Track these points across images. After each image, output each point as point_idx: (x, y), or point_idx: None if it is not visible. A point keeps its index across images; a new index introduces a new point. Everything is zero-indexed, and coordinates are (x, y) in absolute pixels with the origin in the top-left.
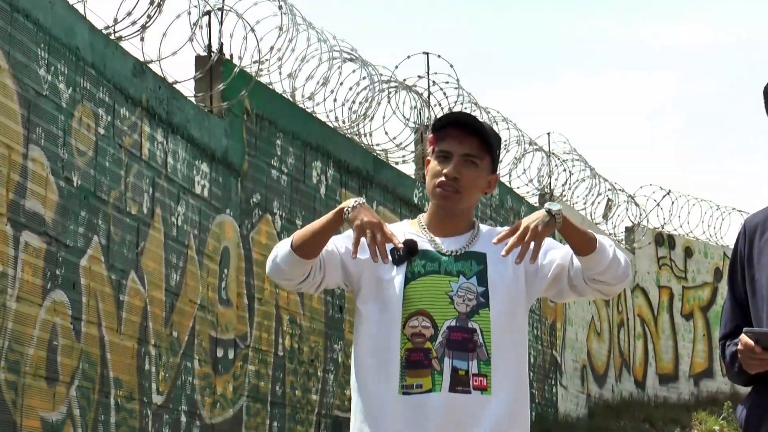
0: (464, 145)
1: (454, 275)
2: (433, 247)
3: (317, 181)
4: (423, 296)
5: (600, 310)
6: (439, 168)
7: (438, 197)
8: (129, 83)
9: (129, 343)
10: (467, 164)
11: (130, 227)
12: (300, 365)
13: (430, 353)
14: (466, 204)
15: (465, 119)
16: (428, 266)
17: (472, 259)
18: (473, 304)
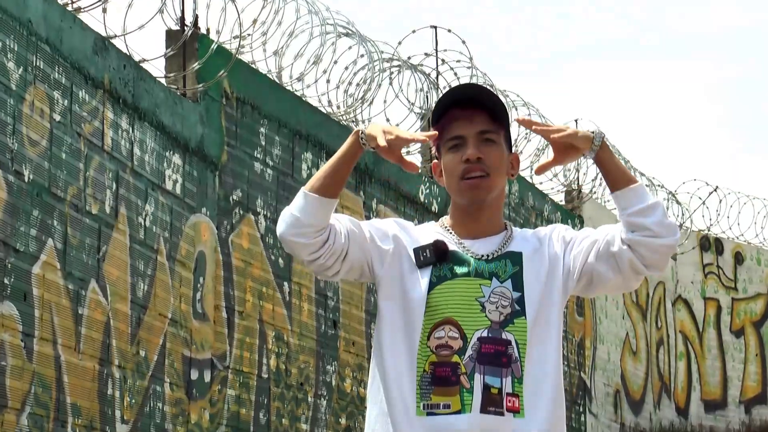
0: (476, 123)
1: (486, 277)
2: (463, 251)
3: (308, 175)
4: (450, 302)
5: (636, 326)
6: (457, 157)
7: (467, 190)
8: (89, 62)
9: (89, 364)
10: (485, 143)
11: (91, 229)
12: (287, 389)
13: (459, 368)
14: (496, 190)
15: (467, 93)
16: (456, 269)
17: (506, 259)
18: (507, 311)
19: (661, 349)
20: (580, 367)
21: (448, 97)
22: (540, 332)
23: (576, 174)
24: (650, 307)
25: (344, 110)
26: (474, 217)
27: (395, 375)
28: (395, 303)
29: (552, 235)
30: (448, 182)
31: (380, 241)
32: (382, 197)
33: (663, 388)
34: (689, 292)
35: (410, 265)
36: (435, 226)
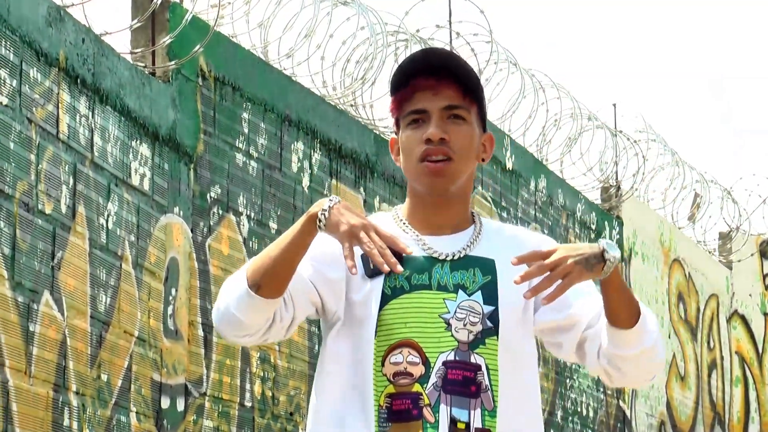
0: (442, 96)
1: (450, 290)
2: (422, 250)
3: (298, 168)
4: (408, 320)
5: (684, 346)
6: (417, 135)
7: (427, 175)
8: (41, 35)
9: (41, 390)
10: (452, 121)
11: (44, 231)
12: (274, 420)
13: (420, 399)
14: (461, 176)
15: (433, 61)
16: (414, 278)
17: (475, 267)
18: (478, 329)
19: (714, 373)
20: (619, 395)
21: (409, 64)
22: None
23: (614, 168)
24: (701, 323)
25: (341, 92)
26: (435, 209)
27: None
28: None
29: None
30: (405, 164)
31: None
32: (385, 194)
33: (716, 418)
34: (747, 307)
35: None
36: (388, 220)
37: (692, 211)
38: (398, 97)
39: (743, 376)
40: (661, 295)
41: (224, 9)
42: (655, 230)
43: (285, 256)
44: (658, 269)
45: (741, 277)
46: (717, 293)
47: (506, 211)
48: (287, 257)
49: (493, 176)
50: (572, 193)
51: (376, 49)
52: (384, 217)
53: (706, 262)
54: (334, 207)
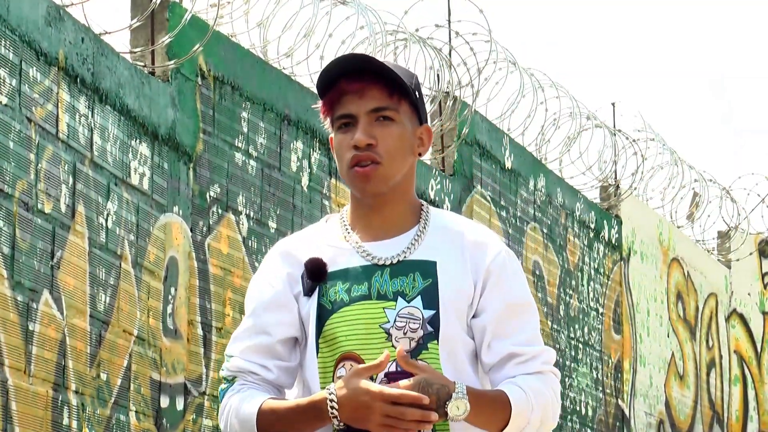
0: (367, 99)
1: (390, 298)
2: (363, 259)
3: (298, 168)
4: (350, 333)
5: (683, 345)
6: (346, 140)
7: (357, 181)
8: (41, 34)
9: (41, 389)
10: (379, 123)
11: (43, 231)
12: None
13: None
14: (393, 177)
15: (355, 64)
16: (354, 290)
17: (415, 272)
18: (419, 335)
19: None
20: (618, 394)
21: (334, 67)
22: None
23: (613, 167)
24: (700, 323)
25: None
26: (374, 210)
27: None
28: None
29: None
30: (339, 168)
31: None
32: None
33: (714, 417)
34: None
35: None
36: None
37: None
38: (327, 101)
39: (742, 375)
40: (660, 294)
41: (223, 8)
42: (654, 229)
43: None
44: (657, 268)
45: (740, 276)
46: (716, 292)
47: (505, 210)
48: None
49: (492, 175)
50: (571, 192)
51: (375, 49)
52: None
53: (704, 261)
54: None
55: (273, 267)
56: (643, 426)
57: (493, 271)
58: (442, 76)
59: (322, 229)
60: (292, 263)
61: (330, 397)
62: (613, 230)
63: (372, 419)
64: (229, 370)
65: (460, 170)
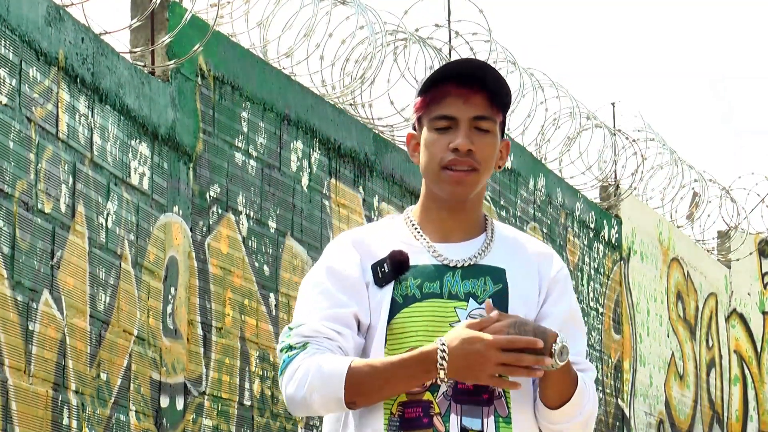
0: (472, 106)
1: (461, 299)
2: (434, 258)
3: (298, 167)
4: (419, 329)
5: (683, 345)
6: (442, 141)
7: (449, 183)
8: (41, 34)
9: (41, 389)
10: (478, 132)
11: (43, 231)
12: (274, 419)
13: (431, 408)
14: (480, 186)
15: (468, 70)
16: (426, 287)
17: (486, 276)
18: None
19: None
20: (618, 393)
21: (447, 68)
22: None
23: (613, 166)
24: (700, 322)
25: (341, 91)
26: (449, 213)
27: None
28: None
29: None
30: (425, 165)
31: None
32: (385, 193)
33: (714, 417)
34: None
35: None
36: (400, 225)
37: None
38: (428, 98)
39: (742, 374)
40: (660, 294)
41: (223, 8)
42: (654, 229)
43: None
44: (657, 268)
45: (739, 276)
46: (716, 292)
47: (505, 210)
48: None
49: (491, 175)
50: (571, 192)
51: (375, 49)
52: (396, 222)
53: (704, 261)
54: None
55: (345, 253)
56: (643, 426)
57: (559, 280)
58: None
59: (390, 226)
60: (363, 252)
61: (441, 348)
62: (613, 230)
63: (485, 369)
64: (302, 336)
65: None
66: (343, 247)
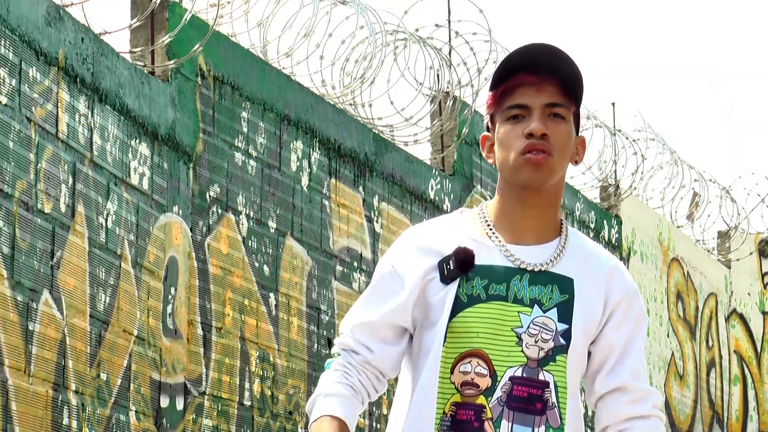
0: (544, 93)
1: (526, 304)
2: (505, 259)
3: (297, 167)
4: (480, 330)
5: (683, 345)
6: (517, 130)
7: (526, 167)
8: (41, 34)
9: (41, 389)
10: (553, 119)
11: (43, 231)
12: (274, 419)
13: (483, 412)
14: (558, 174)
15: (539, 57)
16: (492, 288)
17: (554, 284)
18: (549, 347)
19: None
20: None
21: (516, 58)
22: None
23: (613, 166)
24: (700, 322)
25: (340, 91)
26: (525, 209)
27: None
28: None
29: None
30: (502, 158)
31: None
32: (385, 193)
33: (714, 417)
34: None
35: (436, 283)
36: (472, 220)
37: (691, 209)
38: (499, 92)
39: (742, 374)
40: (660, 294)
41: (223, 8)
42: (654, 229)
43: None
44: (657, 268)
45: (740, 277)
46: (716, 292)
47: None
48: None
49: (492, 175)
50: (571, 191)
51: (375, 48)
52: (467, 216)
53: (704, 260)
54: None
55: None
56: None
57: (623, 302)
58: (442, 76)
59: (460, 221)
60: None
61: None
62: (613, 230)
63: None
64: (338, 345)
65: (460, 170)
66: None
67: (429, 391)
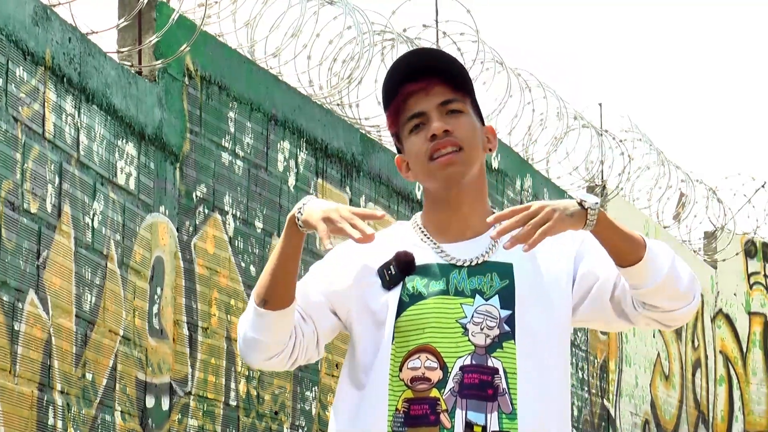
0: (435, 95)
1: (467, 295)
2: (441, 259)
3: (284, 167)
4: (426, 326)
5: (669, 346)
6: (420, 137)
7: (440, 169)
8: (27, 34)
9: (26, 389)
10: (451, 115)
11: (29, 231)
12: (259, 419)
13: (438, 405)
14: (474, 165)
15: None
16: (432, 285)
17: (492, 272)
18: (495, 333)
19: (698, 372)
20: (603, 394)
21: (396, 71)
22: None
23: (600, 167)
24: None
25: (328, 91)
26: (453, 210)
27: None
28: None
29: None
30: (416, 169)
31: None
32: (371, 193)
33: (700, 417)
34: (731, 306)
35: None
36: (407, 228)
37: (677, 210)
38: (392, 110)
39: (727, 375)
40: None
41: (211, 8)
42: (641, 229)
43: (279, 264)
44: None
45: (726, 277)
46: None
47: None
48: (281, 264)
49: None
50: (558, 192)
51: (363, 49)
52: (404, 227)
53: (690, 261)
54: (307, 203)
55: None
56: (628, 426)
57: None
58: None
59: (397, 231)
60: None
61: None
62: None
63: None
64: None
65: None
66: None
67: (379, 389)
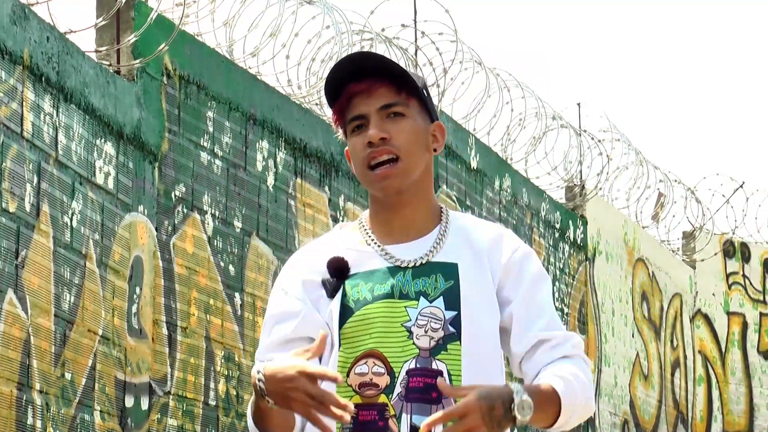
0: (376, 97)
1: (412, 298)
2: (386, 261)
3: (263, 167)
4: (372, 331)
5: (648, 345)
6: (359, 141)
7: (377, 181)
8: (5, 33)
9: (5, 389)
10: (392, 119)
11: (7, 230)
12: (239, 418)
13: (386, 410)
14: (412, 172)
15: (362, 64)
16: (377, 289)
17: (437, 273)
18: (439, 335)
19: (677, 372)
20: None
21: (340, 70)
22: (482, 360)
23: (579, 167)
24: (665, 323)
25: (306, 91)
26: (394, 211)
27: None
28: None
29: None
30: (355, 171)
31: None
32: (350, 193)
33: (679, 417)
34: (710, 306)
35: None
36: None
37: (656, 210)
38: (337, 108)
39: (706, 375)
40: (625, 294)
41: (189, 8)
42: (619, 229)
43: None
44: (622, 268)
45: (704, 277)
46: (680, 292)
47: (470, 210)
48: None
49: (457, 175)
50: (537, 192)
51: (341, 48)
52: (348, 229)
53: (669, 261)
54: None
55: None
56: (607, 426)
57: (511, 266)
58: None
59: (339, 236)
60: (310, 270)
61: (258, 368)
62: (579, 230)
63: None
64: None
65: None
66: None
67: None
